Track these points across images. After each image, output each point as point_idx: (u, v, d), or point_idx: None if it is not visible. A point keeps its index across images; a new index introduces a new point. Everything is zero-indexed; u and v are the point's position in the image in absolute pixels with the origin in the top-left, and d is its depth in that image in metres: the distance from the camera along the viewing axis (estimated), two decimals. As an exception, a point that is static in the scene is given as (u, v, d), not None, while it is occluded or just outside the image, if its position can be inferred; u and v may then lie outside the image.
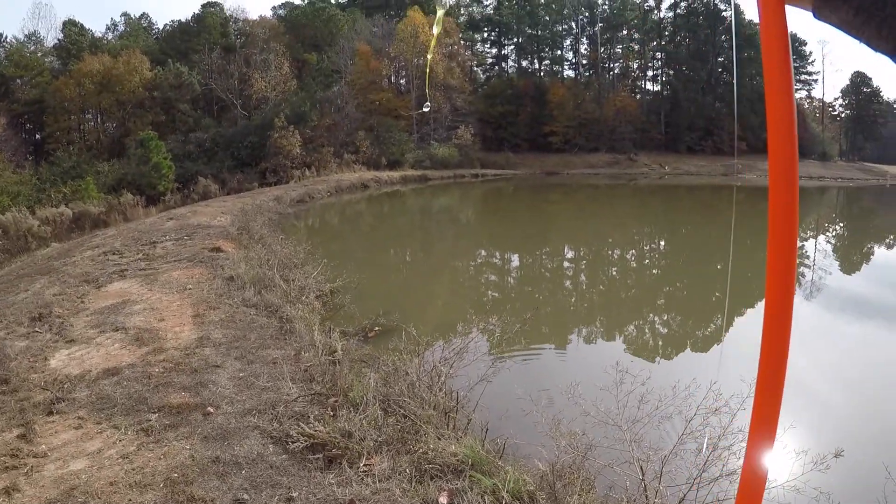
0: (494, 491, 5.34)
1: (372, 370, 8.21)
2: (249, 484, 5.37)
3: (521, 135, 74.01)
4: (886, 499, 5.47)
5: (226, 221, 21.80)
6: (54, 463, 5.60)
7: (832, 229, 31.23)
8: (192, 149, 45.08)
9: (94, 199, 30.31)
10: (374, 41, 66.95)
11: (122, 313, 10.24)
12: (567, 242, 27.28)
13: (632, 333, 13.44)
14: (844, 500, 5.56)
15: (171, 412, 6.64)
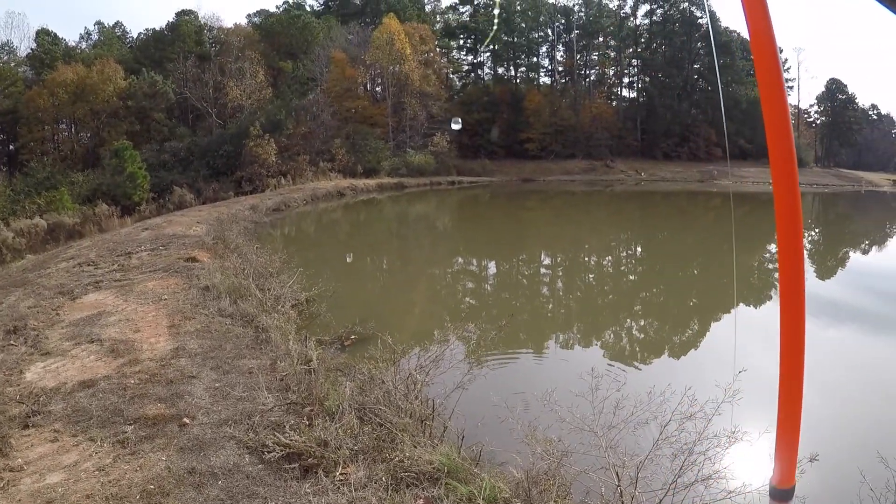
0: (471, 498, 5.38)
1: (348, 379, 8.23)
2: (226, 494, 5.38)
3: (498, 141, 74.18)
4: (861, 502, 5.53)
5: (201, 231, 21.73)
6: (31, 476, 5.59)
7: (808, 235, 31.42)
8: (168, 158, 44.85)
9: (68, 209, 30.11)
10: (350, 49, 66.90)
11: (97, 325, 10.20)
12: (544, 249, 27.36)
13: (608, 339, 13.50)
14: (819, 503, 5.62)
15: (146, 424, 6.64)
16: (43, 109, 49.87)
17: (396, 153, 60.99)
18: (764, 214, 39.80)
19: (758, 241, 28.08)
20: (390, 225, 35.63)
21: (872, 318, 14.47)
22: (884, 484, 5.43)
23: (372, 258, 24.87)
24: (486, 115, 75.12)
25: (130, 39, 76.26)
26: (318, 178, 48.17)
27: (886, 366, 11.48)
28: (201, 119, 55.07)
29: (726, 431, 5.77)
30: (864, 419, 8.98)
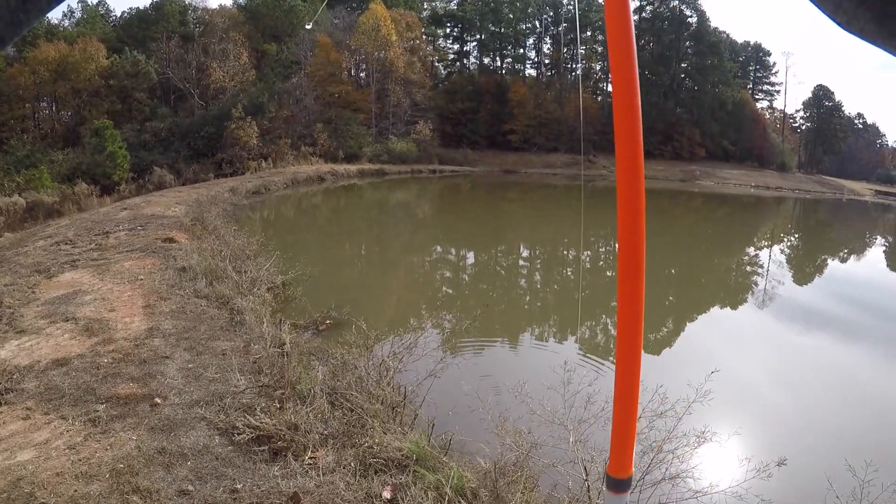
0: (438, 487, 5.42)
1: (321, 363, 8.26)
2: (195, 475, 5.41)
3: (481, 132, 73.90)
4: (826, 510, 5.60)
5: (180, 212, 21.65)
6: (1, 454, 5.59)
7: (787, 240, 31.60)
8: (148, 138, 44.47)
9: (48, 188, 29.87)
10: (336, 33, 66.52)
11: (72, 303, 10.17)
12: (522, 241, 27.39)
13: (583, 334, 13.56)
14: (785, 509, 5.69)
15: (118, 403, 6.66)
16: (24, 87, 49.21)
17: (378, 139, 60.78)
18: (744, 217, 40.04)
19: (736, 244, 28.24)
20: (370, 211, 35.56)
21: (845, 325, 14.60)
22: (850, 492, 5.47)
23: (350, 244, 24.82)
24: (471, 105, 74.83)
25: (114, 18, 75.25)
26: (299, 161, 47.97)
27: (856, 374, 11.60)
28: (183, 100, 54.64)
29: (696, 431, 5.82)
30: (833, 426, 9.07)
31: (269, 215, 30.39)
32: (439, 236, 27.95)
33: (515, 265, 22.71)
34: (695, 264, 22.60)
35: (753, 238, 30.79)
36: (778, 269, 22.80)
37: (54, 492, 5.05)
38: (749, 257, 25.38)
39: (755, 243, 29.26)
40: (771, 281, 20.24)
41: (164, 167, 39.03)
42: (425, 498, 5.25)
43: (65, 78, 49.24)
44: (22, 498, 4.97)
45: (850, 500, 5.40)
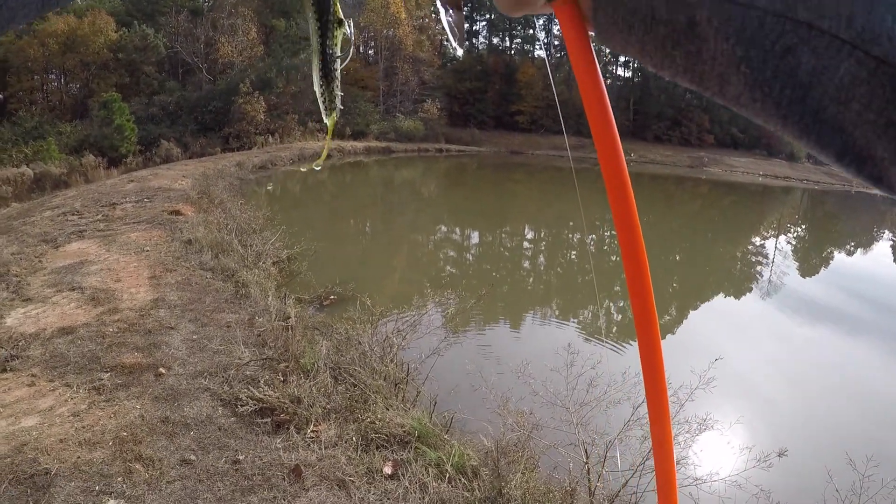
0: (439, 464, 5.46)
1: (325, 338, 8.28)
2: (197, 445, 5.44)
3: (488, 112, 73.38)
4: (825, 502, 5.58)
5: (186, 185, 21.62)
6: (6, 419, 5.63)
7: (794, 231, 31.40)
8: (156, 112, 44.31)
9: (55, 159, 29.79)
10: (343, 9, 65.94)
11: (79, 273, 10.21)
12: (528, 223, 27.31)
13: (586, 317, 13.54)
14: (784, 499, 5.69)
15: (123, 372, 6.69)
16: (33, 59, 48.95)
17: (386, 117, 60.52)
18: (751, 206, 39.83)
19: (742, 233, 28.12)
20: (376, 189, 35.46)
21: (849, 319, 14.53)
22: (849, 486, 5.46)
23: (355, 221, 24.79)
24: (479, 85, 74.27)
25: (123, -8, 75.13)
26: (305, 137, 47.78)
27: (859, 367, 11.57)
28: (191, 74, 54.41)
29: (698, 418, 5.82)
30: (834, 420, 9.05)
31: (275, 190, 30.35)
32: (444, 216, 27.87)
33: (520, 246, 22.66)
34: (699, 252, 22.54)
35: (759, 227, 30.57)
36: (783, 260, 22.65)
37: (58, 458, 5.09)
38: (755, 247, 25.23)
39: (761, 233, 29.05)
40: (776, 271, 20.14)
41: (172, 141, 38.91)
42: (426, 475, 5.28)
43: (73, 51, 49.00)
44: (26, 463, 5.01)
45: (849, 494, 5.39)
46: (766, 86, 0.54)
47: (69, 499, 4.67)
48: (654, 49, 0.61)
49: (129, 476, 4.97)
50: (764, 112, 0.56)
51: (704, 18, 0.55)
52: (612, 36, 0.65)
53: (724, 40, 0.55)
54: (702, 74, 0.59)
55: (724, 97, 0.59)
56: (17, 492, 4.71)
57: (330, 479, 5.17)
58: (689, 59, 0.59)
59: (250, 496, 4.87)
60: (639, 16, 0.60)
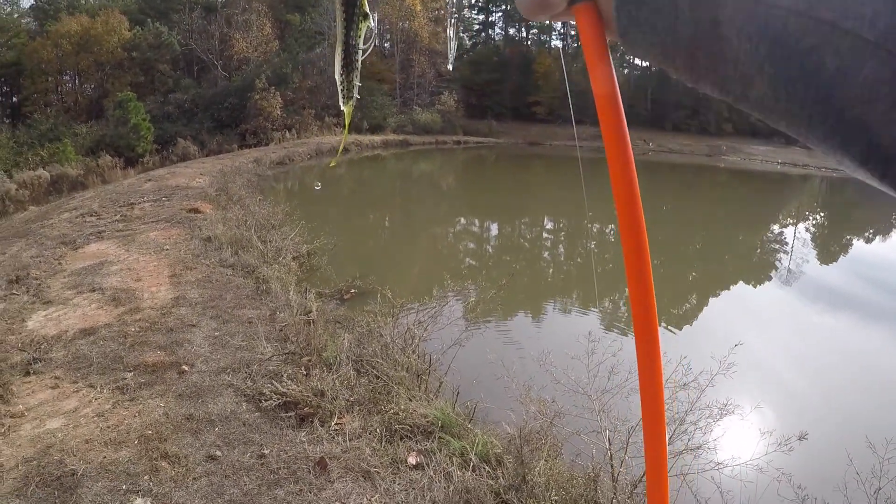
0: (463, 453, 5.46)
1: (346, 331, 8.29)
2: (222, 441, 5.46)
3: (506, 103, 73.08)
4: (846, 485, 5.53)
5: (204, 183, 21.70)
6: (31, 422, 5.67)
7: (813, 218, 31.13)
8: (172, 110, 44.53)
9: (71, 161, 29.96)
10: (365, 2, 65.88)
11: (99, 274, 10.25)
12: (546, 214, 27.25)
13: (606, 307, 13.50)
14: (805, 483, 5.64)
15: (146, 371, 6.72)
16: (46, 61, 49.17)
17: (403, 110, 60.53)
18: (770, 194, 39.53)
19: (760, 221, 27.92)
20: (394, 182, 35.47)
21: (868, 306, 14.41)
22: (870, 469, 5.42)
23: (374, 215, 24.81)
24: (496, 76, 73.92)
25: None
26: (322, 132, 47.84)
27: (878, 354, 11.49)
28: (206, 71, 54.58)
29: (718, 403, 5.79)
30: (853, 405, 8.99)
31: (293, 186, 30.37)
32: (463, 208, 27.84)
33: (539, 237, 22.63)
34: (719, 240, 22.38)
35: (778, 215, 30.31)
36: (802, 248, 22.43)
37: (84, 458, 5.12)
38: (774, 235, 25.04)
39: (780, 221, 28.85)
40: (795, 259, 19.99)
41: (188, 139, 39.06)
42: (450, 464, 5.28)
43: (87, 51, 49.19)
44: (52, 465, 5.03)
45: (869, 476, 5.35)
46: (790, 86, 0.53)
47: (96, 499, 4.69)
48: (676, 50, 0.61)
49: (156, 474, 4.98)
50: (788, 114, 0.55)
51: (728, 17, 0.55)
52: (635, 38, 0.64)
53: (748, 40, 0.54)
54: (725, 76, 0.59)
55: (748, 100, 0.58)
56: (44, 493, 4.73)
57: (355, 470, 5.18)
58: (712, 61, 0.58)
59: (276, 490, 4.88)
60: (662, 15, 0.60)
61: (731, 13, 0.54)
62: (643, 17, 0.61)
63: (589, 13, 0.69)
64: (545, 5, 0.68)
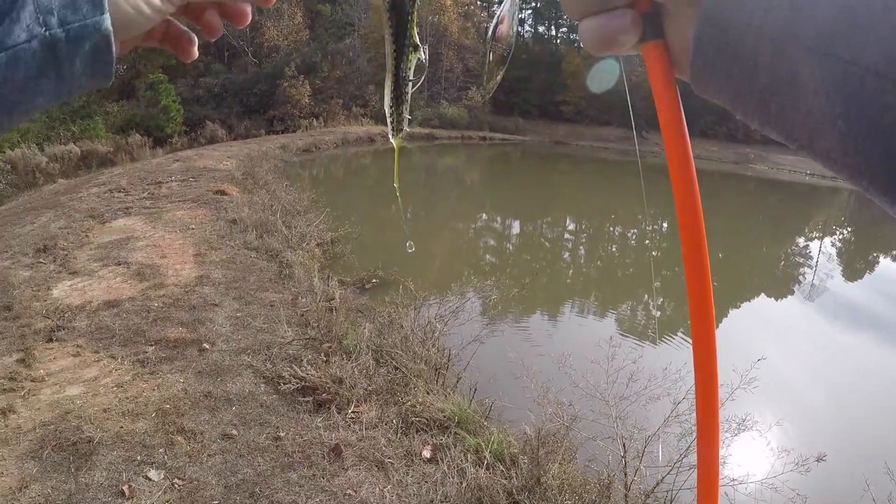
0: (478, 450, 5.45)
1: (367, 320, 8.30)
2: (239, 420, 5.48)
3: (533, 101, 72.76)
4: (862, 509, 5.52)
5: (231, 166, 21.76)
6: (51, 388, 5.72)
7: (839, 233, 30.83)
8: (202, 93, 44.58)
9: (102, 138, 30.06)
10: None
11: (125, 249, 10.32)
12: (569, 214, 27.15)
13: (626, 312, 13.46)
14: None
15: (167, 346, 6.76)
16: (80, 41, 49.56)
17: (430, 104, 60.53)
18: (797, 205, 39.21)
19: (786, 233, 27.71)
20: (418, 175, 35.41)
21: (892, 326, 14.29)
22: (886, 496, 5.39)
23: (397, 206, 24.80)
24: (524, 73, 73.59)
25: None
26: (349, 122, 47.85)
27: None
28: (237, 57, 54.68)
29: (737, 418, 5.76)
30: (873, 427, 8.88)
31: (318, 173, 30.41)
32: (486, 204, 27.77)
33: (560, 238, 22.54)
34: (743, 250, 22.18)
35: (805, 228, 30.03)
36: (827, 263, 22.22)
37: (101, 427, 5.15)
38: (799, 248, 24.82)
39: (806, 234, 28.58)
40: (819, 275, 19.78)
41: (217, 122, 39.13)
42: (464, 460, 5.28)
43: (121, 33, 49.56)
44: (69, 430, 5.08)
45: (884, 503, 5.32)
46: (859, 142, 0.52)
47: (111, 467, 4.73)
48: (748, 98, 0.60)
49: (171, 448, 5.01)
50: (853, 167, 0.55)
51: (807, 72, 0.54)
52: (707, 81, 0.64)
53: (825, 95, 0.53)
54: (793, 126, 0.58)
55: (813, 150, 0.58)
56: (59, 458, 4.77)
57: (369, 459, 5.19)
58: (784, 110, 0.58)
59: (290, 473, 4.89)
60: (740, 63, 0.59)
61: (811, 68, 0.54)
62: (720, 63, 0.61)
63: (658, 51, 0.69)
64: (612, 43, 0.68)
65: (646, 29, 0.68)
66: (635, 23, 0.68)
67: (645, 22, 0.68)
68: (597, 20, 0.69)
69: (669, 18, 0.68)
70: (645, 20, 0.68)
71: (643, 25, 0.68)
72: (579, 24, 0.71)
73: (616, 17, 0.67)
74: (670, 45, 0.69)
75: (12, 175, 20.47)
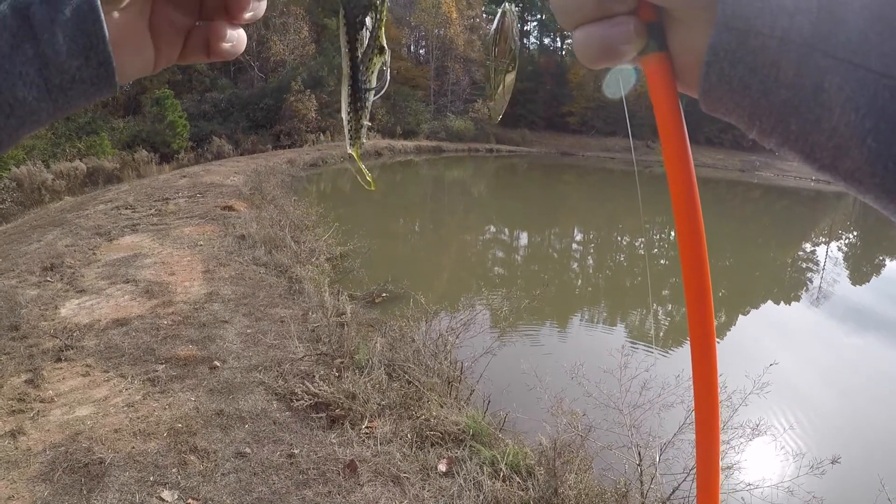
0: (493, 462, 5.41)
1: (379, 334, 8.27)
2: (252, 438, 5.43)
3: (539, 113, 73.04)
4: (878, 511, 5.48)
5: (238, 181, 21.81)
6: (60, 408, 5.68)
7: (845, 237, 30.78)
8: (208, 108, 44.71)
9: (108, 154, 30.12)
10: (395, 9, 66.45)
11: (132, 266, 10.31)
12: (577, 224, 27.15)
13: (636, 320, 13.43)
14: (835, 508, 5.58)
15: (177, 364, 6.72)
16: (85, 57, 49.79)
17: (436, 117, 60.69)
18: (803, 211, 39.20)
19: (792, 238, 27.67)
20: (426, 188, 35.49)
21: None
22: (902, 495, 5.37)
23: (405, 220, 24.83)
24: (530, 85, 73.85)
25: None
26: (357, 136, 48.11)
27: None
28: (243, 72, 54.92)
29: (751, 423, 5.73)
30: (886, 429, 8.85)
31: (325, 188, 30.48)
32: (493, 216, 27.78)
33: (568, 248, 22.52)
34: (750, 257, 22.13)
35: (811, 233, 30.01)
36: (834, 267, 22.15)
37: (112, 448, 5.11)
38: (806, 253, 24.76)
39: (812, 239, 28.54)
40: (826, 279, 19.73)
41: (223, 137, 39.20)
42: (481, 473, 5.22)
43: (126, 47, 49.80)
44: (80, 452, 5.03)
45: (901, 503, 5.30)
46: (891, 161, 0.48)
47: (123, 488, 4.68)
48: (766, 115, 0.54)
49: (184, 467, 4.96)
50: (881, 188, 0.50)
51: (835, 85, 0.49)
52: (720, 97, 0.57)
53: (854, 111, 0.48)
54: (815, 145, 0.52)
55: (835, 171, 0.52)
56: (70, 480, 4.73)
57: (385, 474, 5.13)
58: (806, 128, 0.52)
59: (305, 490, 4.84)
60: (760, 76, 0.53)
61: (839, 81, 0.48)
62: (737, 76, 0.54)
63: (661, 64, 0.62)
64: (612, 55, 0.60)
65: (649, 39, 0.61)
66: (638, 32, 0.60)
67: (648, 31, 0.61)
68: (594, 29, 0.60)
69: (676, 26, 0.61)
70: (648, 29, 0.61)
71: (647, 35, 0.61)
72: (573, 33, 0.62)
73: (617, 26, 0.60)
74: (675, 57, 0.62)
75: (18, 193, 20.45)
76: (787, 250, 24.58)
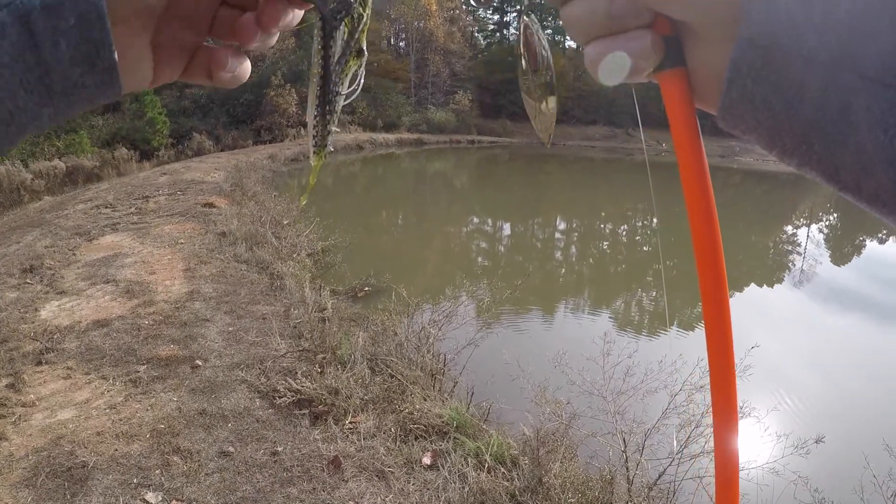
0: (478, 453, 5.41)
1: (361, 329, 8.26)
2: (235, 437, 5.42)
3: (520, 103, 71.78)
4: (863, 488, 5.51)
5: (219, 178, 21.70)
6: (42, 412, 5.64)
7: (826, 219, 30.99)
8: (188, 105, 44.44)
9: (87, 153, 29.88)
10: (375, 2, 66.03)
11: (113, 266, 10.25)
12: (559, 214, 27.17)
13: (620, 307, 13.47)
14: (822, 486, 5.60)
15: (159, 364, 6.69)
16: (63, 52, 49.46)
17: (417, 109, 60.66)
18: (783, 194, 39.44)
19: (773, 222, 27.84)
20: (408, 181, 35.46)
21: (882, 307, 14.29)
22: (887, 472, 5.41)
23: (388, 213, 24.80)
24: (510, 76, 73.80)
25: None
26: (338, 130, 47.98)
27: (893, 355, 11.42)
28: (223, 67, 54.73)
29: (735, 405, 5.76)
30: (869, 407, 8.92)
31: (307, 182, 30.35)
32: (476, 207, 27.78)
33: (551, 238, 22.54)
34: (732, 242, 22.18)
35: (792, 216, 30.19)
36: (816, 249, 22.30)
37: (95, 451, 5.08)
38: (787, 236, 24.91)
39: (793, 221, 28.72)
40: (808, 261, 19.84)
41: (204, 133, 38.97)
42: (465, 465, 5.23)
43: (105, 44, 49.46)
44: (63, 456, 5.01)
45: (885, 479, 5.35)
46: None
47: (107, 492, 4.66)
48: (788, 135, 0.53)
49: (168, 469, 4.95)
50: None
51: (863, 105, 0.47)
52: (741, 115, 0.56)
53: (883, 131, 0.46)
54: (839, 166, 0.51)
55: (858, 191, 0.51)
56: (54, 485, 4.70)
57: (369, 469, 5.14)
58: (830, 149, 0.51)
59: (290, 488, 4.84)
60: (784, 94, 0.51)
61: (868, 100, 0.46)
62: (760, 93, 0.52)
63: (678, 80, 0.61)
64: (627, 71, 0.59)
65: (666, 53, 0.60)
66: (656, 46, 0.59)
67: (665, 45, 0.59)
68: (608, 44, 0.59)
69: (695, 41, 0.59)
70: (665, 43, 0.59)
71: (664, 49, 0.59)
72: (585, 48, 0.61)
73: (633, 40, 0.58)
74: (693, 73, 0.61)
75: (-4, 193, 20.32)
76: (769, 234, 24.71)
